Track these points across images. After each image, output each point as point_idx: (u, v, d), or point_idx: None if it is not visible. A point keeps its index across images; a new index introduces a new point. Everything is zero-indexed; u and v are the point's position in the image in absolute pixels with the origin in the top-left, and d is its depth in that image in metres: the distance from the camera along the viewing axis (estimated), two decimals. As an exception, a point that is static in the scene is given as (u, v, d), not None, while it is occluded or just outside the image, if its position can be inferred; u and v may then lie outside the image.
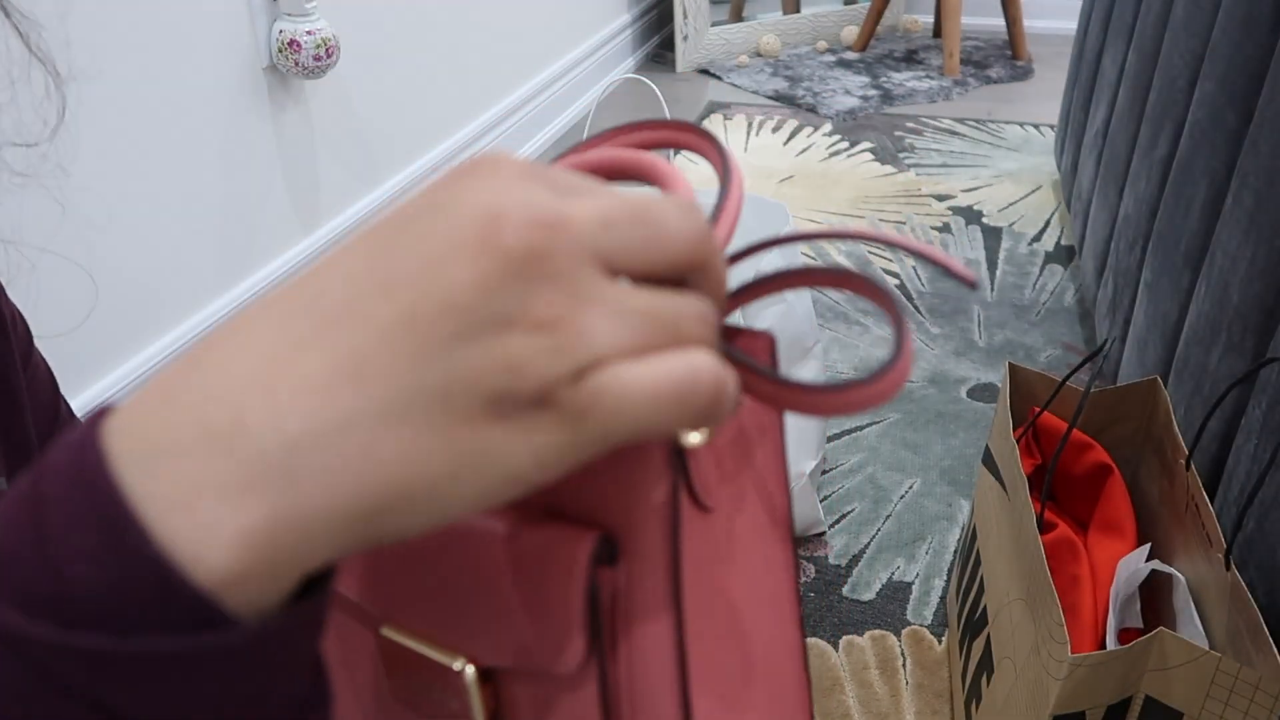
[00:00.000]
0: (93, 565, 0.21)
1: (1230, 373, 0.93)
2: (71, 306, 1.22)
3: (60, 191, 1.17)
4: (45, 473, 0.23)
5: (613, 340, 0.23)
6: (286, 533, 0.22)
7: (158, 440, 0.22)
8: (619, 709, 0.29)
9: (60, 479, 0.22)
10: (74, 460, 0.22)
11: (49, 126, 0.47)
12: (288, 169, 1.58)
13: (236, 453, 0.22)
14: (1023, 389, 1.00)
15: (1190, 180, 1.11)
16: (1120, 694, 0.72)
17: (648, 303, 0.24)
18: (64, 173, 1.17)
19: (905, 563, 1.22)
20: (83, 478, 0.22)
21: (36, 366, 0.52)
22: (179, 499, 0.22)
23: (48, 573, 0.21)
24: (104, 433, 0.23)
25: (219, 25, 1.40)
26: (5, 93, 0.45)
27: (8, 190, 1.04)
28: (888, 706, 1.05)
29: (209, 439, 0.22)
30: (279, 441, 0.22)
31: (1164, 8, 1.34)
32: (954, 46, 2.79)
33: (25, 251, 1.08)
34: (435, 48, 1.94)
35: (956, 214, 2.07)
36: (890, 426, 1.46)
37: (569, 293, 0.23)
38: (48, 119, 0.46)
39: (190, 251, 1.40)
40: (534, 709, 0.30)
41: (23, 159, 0.51)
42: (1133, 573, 0.84)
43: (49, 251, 1.17)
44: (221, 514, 0.22)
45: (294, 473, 0.22)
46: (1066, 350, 1.62)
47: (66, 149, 1.18)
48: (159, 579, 0.21)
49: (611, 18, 2.82)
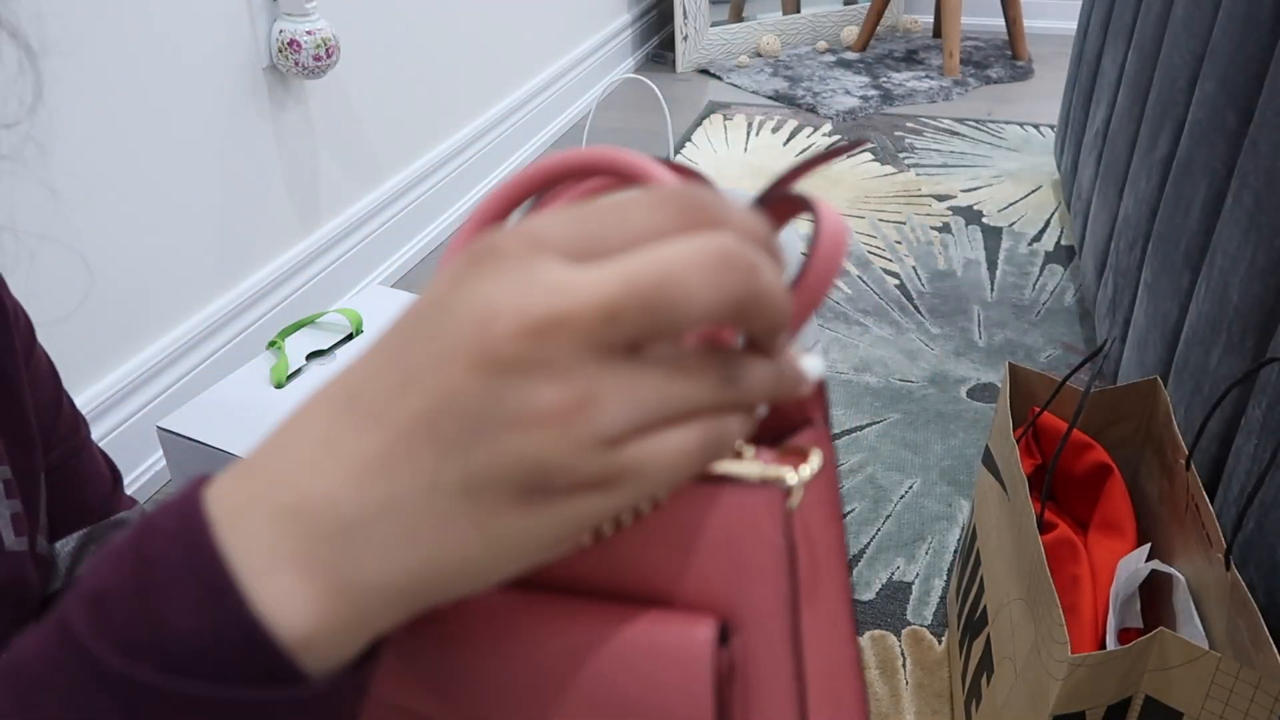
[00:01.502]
0: (194, 619, 0.24)
1: (1230, 373, 0.93)
2: (72, 307, 1.22)
3: (61, 192, 1.17)
4: (149, 533, 0.25)
5: (623, 422, 0.24)
6: (348, 604, 0.24)
7: (242, 513, 0.25)
8: None
9: (166, 539, 0.25)
10: (180, 525, 0.25)
11: (25, 110, 0.46)
12: (288, 169, 1.58)
13: (301, 531, 0.24)
14: (1023, 389, 1.00)
15: (1190, 180, 1.11)
16: (1120, 694, 0.72)
17: (657, 385, 0.24)
18: (64, 175, 1.17)
19: (905, 563, 1.22)
20: (188, 540, 0.25)
21: (39, 361, 0.52)
22: (261, 568, 0.24)
23: (150, 622, 0.24)
24: (204, 501, 0.25)
25: (219, 25, 1.40)
26: None
27: (10, 190, 1.04)
28: (888, 706, 1.05)
29: (279, 517, 0.24)
30: (336, 524, 0.24)
31: (1164, 8, 1.34)
32: (954, 46, 2.79)
33: (25, 242, 1.08)
34: (435, 48, 1.94)
35: (956, 214, 2.07)
36: (890, 426, 1.46)
37: (570, 386, 0.23)
38: (24, 98, 0.46)
39: (190, 251, 1.40)
40: None
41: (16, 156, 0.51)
42: (1133, 573, 0.84)
43: (49, 239, 1.16)
44: (295, 584, 0.24)
45: (350, 551, 0.24)
46: (1066, 350, 1.62)
47: (67, 149, 1.18)
48: (250, 637, 0.24)
49: (611, 18, 2.82)
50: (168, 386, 1.39)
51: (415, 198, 1.93)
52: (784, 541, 0.26)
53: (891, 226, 2.03)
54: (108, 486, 0.55)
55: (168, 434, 1.11)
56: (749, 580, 0.27)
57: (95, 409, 1.28)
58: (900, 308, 1.76)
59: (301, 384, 1.18)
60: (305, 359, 1.22)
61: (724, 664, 0.27)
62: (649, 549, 0.27)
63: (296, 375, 1.20)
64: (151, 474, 1.37)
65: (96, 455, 0.55)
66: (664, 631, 0.27)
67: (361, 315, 1.29)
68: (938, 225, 2.03)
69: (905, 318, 1.73)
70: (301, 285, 1.64)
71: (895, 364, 1.60)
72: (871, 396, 1.53)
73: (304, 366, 1.21)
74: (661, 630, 0.27)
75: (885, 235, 2.00)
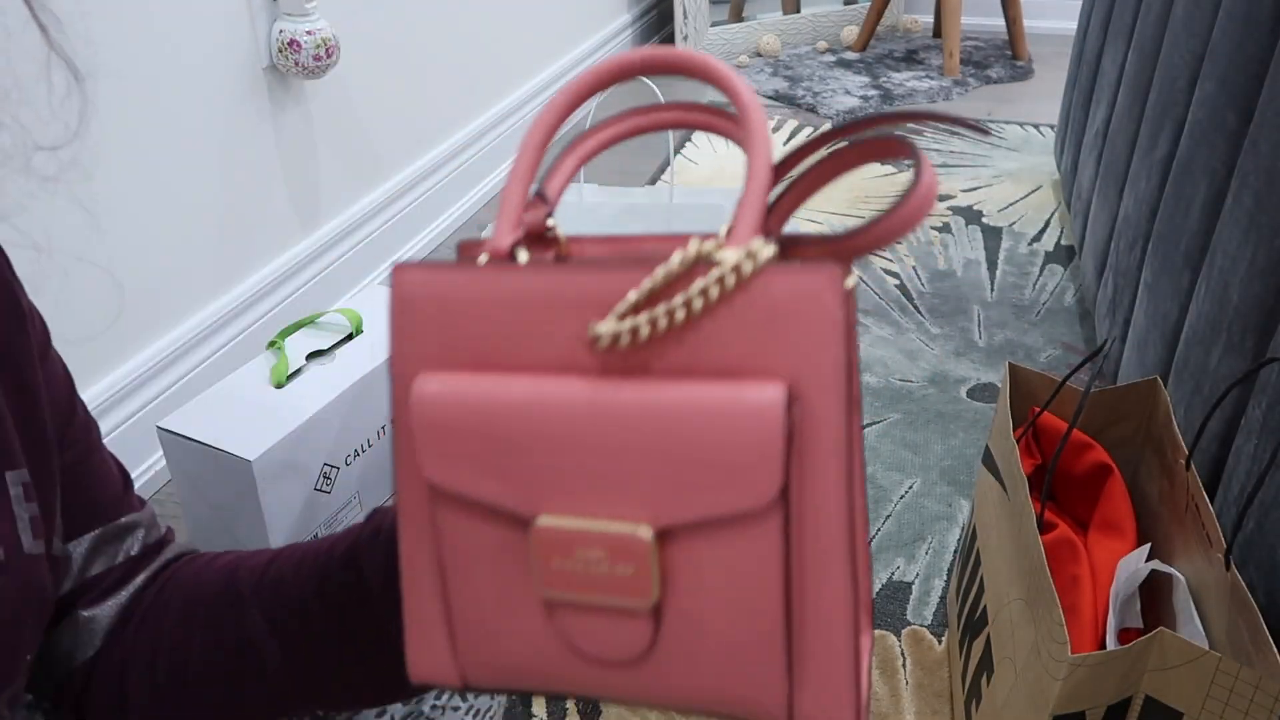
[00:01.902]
0: None
1: (1230, 373, 0.93)
2: (75, 307, 1.22)
3: (61, 193, 1.17)
4: None
5: None
6: None
7: None
8: (802, 556, 0.31)
9: None
10: None
11: (70, 129, 0.47)
12: (288, 169, 1.58)
13: None
14: (1023, 389, 1.00)
15: (1190, 180, 1.11)
16: (1120, 694, 0.72)
17: None
18: (75, 175, 1.17)
19: (905, 563, 1.22)
20: None
21: (54, 364, 0.52)
22: None
23: None
24: None
25: (219, 25, 1.40)
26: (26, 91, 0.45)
27: (12, 195, 1.03)
28: (888, 707, 1.05)
29: None
30: None
31: (1164, 8, 1.34)
32: (954, 46, 2.79)
33: (24, 240, 1.08)
34: (435, 48, 1.94)
35: (956, 214, 2.07)
36: (890, 426, 1.46)
37: None
38: (69, 121, 0.46)
39: (190, 251, 1.40)
40: (707, 565, 0.31)
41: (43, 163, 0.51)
42: (1133, 573, 0.84)
43: (49, 238, 1.16)
44: None
45: None
46: (1066, 350, 1.62)
47: (68, 150, 1.18)
48: None
49: (611, 18, 2.82)
50: (168, 386, 1.39)
51: (415, 198, 1.93)
52: (842, 315, 0.29)
53: (891, 226, 2.03)
54: (118, 488, 0.55)
55: (168, 434, 1.11)
56: (811, 350, 0.30)
57: (95, 409, 1.28)
58: (900, 308, 1.76)
59: (301, 384, 1.18)
60: (305, 359, 1.22)
61: (791, 425, 0.30)
62: (719, 329, 0.30)
63: (296, 375, 1.20)
64: (151, 474, 1.37)
65: (107, 457, 0.55)
66: (736, 394, 0.30)
67: (361, 315, 1.29)
68: (938, 225, 2.03)
69: (905, 318, 1.73)
70: (301, 285, 1.64)
71: (895, 364, 1.60)
72: (871, 396, 1.53)
73: (304, 366, 1.21)
74: (734, 393, 0.30)
75: (885, 235, 2.00)
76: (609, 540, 0.31)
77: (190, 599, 0.54)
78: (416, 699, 0.64)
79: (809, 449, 0.30)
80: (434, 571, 0.35)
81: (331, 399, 1.15)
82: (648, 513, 0.31)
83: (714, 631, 0.32)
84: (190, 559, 0.57)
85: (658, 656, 0.33)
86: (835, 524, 0.30)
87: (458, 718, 0.66)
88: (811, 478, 0.30)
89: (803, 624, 0.31)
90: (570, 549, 0.32)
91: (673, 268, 0.30)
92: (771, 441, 0.29)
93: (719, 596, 0.31)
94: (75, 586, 0.53)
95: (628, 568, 0.31)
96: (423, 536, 0.35)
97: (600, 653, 0.33)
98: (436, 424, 0.32)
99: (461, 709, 0.66)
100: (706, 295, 0.30)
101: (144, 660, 0.53)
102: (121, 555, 0.54)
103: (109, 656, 0.53)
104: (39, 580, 0.46)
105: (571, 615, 0.33)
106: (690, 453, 0.30)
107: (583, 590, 0.32)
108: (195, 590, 0.54)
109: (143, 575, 0.55)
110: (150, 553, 0.56)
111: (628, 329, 0.30)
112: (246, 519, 1.11)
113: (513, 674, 0.35)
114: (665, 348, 0.31)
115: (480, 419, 0.32)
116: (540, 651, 0.34)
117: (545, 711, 1.05)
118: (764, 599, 0.31)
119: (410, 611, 0.36)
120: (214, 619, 0.52)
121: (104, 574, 0.53)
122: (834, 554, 0.31)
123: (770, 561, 0.31)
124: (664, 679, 0.33)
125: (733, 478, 0.30)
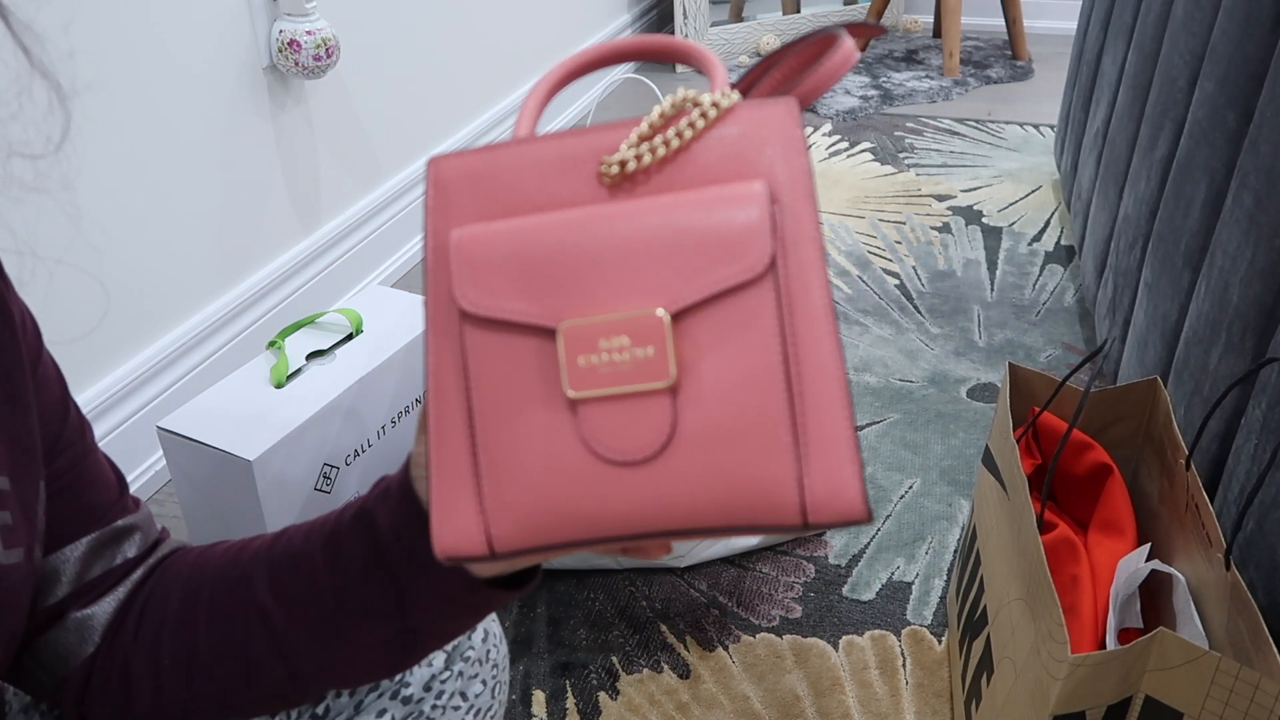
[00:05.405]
0: None
1: (1230, 373, 0.93)
2: (76, 308, 1.22)
3: (61, 192, 1.17)
4: None
5: None
6: None
7: None
8: (793, 323, 0.36)
9: None
10: None
11: (53, 142, 0.46)
12: (288, 169, 1.58)
13: None
14: (1023, 389, 1.00)
15: (1190, 180, 1.11)
16: (1120, 694, 0.72)
17: None
18: (70, 175, 1.17)
19: (905, 563, 1.22)
20: None
21: (47, 367, 0.52)
22: None
23: None
24: None
25: (219, 25, 1.40)
26: (7, 107, 0.45)
27: (13, 197, 1.04)
28: (888, 707, 1.05)
29: None
30: None
31: (1164, 8, 1.34)
32: (954, 46, 2.79)
33: (29, 254, 1.08)
34: (435, 48, 1.94)
35: (956, 214, 2.07)
36: (890, 426, 1.46)
37: None
38: (51, 135, 0.46)
39: (190, 251, 1.40)
40: (716, 344, 0.36)
41: (29, 170, 0.50)
42: (1133, 573, 0.84)
43: (48, 239, 1.16)
44: None
45: None
46: (1066, 350, 1.62)
47: (66, 149, 1.17)
48: None
49: (611, 18, 2.82)
50: (168, 386, 1.39)
51: (415, 198, 1.93)
52: (801, 134, 0.37)
53: (891, 226, 2.03)
54: (114, 491, 0.55)
55: (168, 434, 1.11)
56: (779, 159, 0.37)
57: (95, 409, 1.28)
58: (900, 308, 1.76)
59: (301, 384, 1.18)
60: (305, 359, 1.22)
61: (773, 216, 0.36)
62: (705, 151, 0.38)
63: (296, 375, 1.20)
64: (151, 474, 1.37)
65: (102, 460, 0.55)
66: (727, 189, 0.36)
67: (361, 315, 1.29)
68: (938, 225, 2.03)
69: (905, 318, 1.73)
70: (301, 285, 1.64)
71: (895, 364, 1.60)
72: (871, 396, 1.53)
73: (304, 366, 1.21)
74: (724, 189, 0.37)
75: (885, 235, 2.00)
76: (630, 324, 0.36)
77: (193, 582, 0.54)
78: (417, 699, 0.64)
79: (788, 235, 0.36)
80: (462, 411, 0.38)
81: (331, 399, 1.15)
82: (664, 299, 0.36)
83: (726, 412, 0.36)
84: (186, 550, 0.57)
85: (675, 449, 0.36)
86: (818, 289, 0.36)
87: (458, 717, 0.66)
88: (794, 254, 0.36)
89: (802, 395, 0.35)
90: (594, 343, 0.36)
91: (664, 108, 0.38)
92: (760, 217, 0.36)
93: (728, 372, 0.36)
94: (73, 590, 0.52)
95: (647, 349, 0.36)
96: (453, 372, 0.39)
97: (623, 451, 0.36)
98: (471, 259, 0.38)
99: (462, 709, 0.66)
100: (694, 125, 0.38)
101: (146, 648, 0.53)
102: (119, 558, 0.54)
103: (109, 651, 0.53)
104: (12, 589, 0.45)
105: (597, 414, 0.36)
106: (693, 240, 0.36)
107: (607, 382, 0.36)
108: (198, 574, 0.54)
109: (140, 571, 0.55)
110: (147, 554, 0.56)
111: (633, 155, 0.38)
112: (246, 519, 1.11)
113: (538, 522, 0.37)
114: (663, 171, 0.38)
115: (508, 248, 0.37)
116: (565, 470, 0.37)
117: (545, 712, 1.05)
118: (766, 366, 0.35)
119: (437, 468, 0.39)
120: (219, 596, 0.52)
121: (102, 577, 0.53)
122: (821, 316, 0.35)
123: (768, 329, 0.35)
124: (682, 475, 0.36)
125: (730, 253, 0.36)
